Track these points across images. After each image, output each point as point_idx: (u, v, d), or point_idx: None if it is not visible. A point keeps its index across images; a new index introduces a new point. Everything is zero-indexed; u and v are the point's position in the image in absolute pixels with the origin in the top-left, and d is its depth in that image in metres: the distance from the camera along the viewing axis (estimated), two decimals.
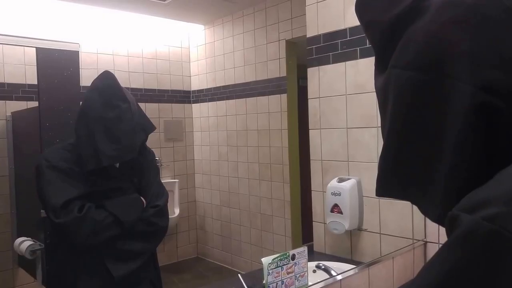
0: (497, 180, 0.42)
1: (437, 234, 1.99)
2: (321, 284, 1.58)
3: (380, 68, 0.58)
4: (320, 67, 2.25)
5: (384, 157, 0.57)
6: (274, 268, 1.38)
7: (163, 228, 1.80)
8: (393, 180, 0.57)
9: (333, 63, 2.20)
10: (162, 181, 1.95)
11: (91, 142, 1.61)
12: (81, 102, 1.76)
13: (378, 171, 0.58)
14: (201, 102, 4.42)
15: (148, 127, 1.79)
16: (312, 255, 2.14)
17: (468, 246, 0.39)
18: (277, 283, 1.39)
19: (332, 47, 2.19)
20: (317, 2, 2.25)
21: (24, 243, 2.44)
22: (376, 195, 0.60)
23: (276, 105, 3.59)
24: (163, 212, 1.80)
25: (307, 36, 2.32)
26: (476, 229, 0.38)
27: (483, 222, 0.38)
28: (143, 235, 1.72)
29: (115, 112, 1.64)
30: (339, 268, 1.80)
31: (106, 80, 1.71)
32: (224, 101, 4.13)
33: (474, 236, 0.38)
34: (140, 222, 1.71)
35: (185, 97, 4.46)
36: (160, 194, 1.82)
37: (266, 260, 1.36)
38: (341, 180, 2.10)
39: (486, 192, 0.42)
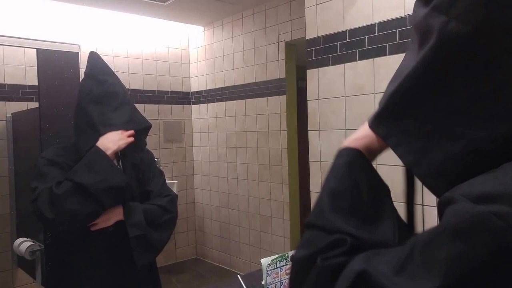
0: (505, 174, 0.42)
1: None
2: None
3: (424, 1, 0.54)
4: (319, 68, 2.26)
5: (395, 92, 0.56)
6: (273, 269, 1.39)
7: (175, 218, 1.82)
8: (395, 116, 0.56)
9: (332, 64, 2.21)
10: None
11: (89, 123, 1.62)
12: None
13: (383, 103, 0.58)
14: (200, 103, 4.43)
15: (141, 120, 1.76)
16: None
17: (479, 237, 0.39)
18: (276, 284, 1.39)
19: (331, 49, 2.21)
20: (317, 4, 2.26)
21: (23, 244, 2.45)
22: (369, 125, 0.61)
23: (275, 106, 3.60)
24: (175, 201, 1.82)
25: (306, 38, 2.33)
26: (486, 221, 0.38)
27: (494, 217, 0.38)
28: (163, 223, 1.74)
29: (104, 87, 1.65)
30: None
31: (91, 61, 1.73)
32: (224, 102, 4.14)
33: (484, 229, 0.38)
34: (158, 209, 1.72)
35: (185, 98, 4.47)
36: (167, 188, 1.85)
37: (265, 261, 1.37)
38: None
39: (492, 185, 0.41)
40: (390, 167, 1.99)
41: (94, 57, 1.75)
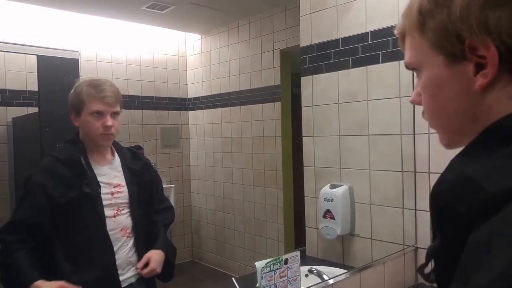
0: None
1: (428, 240, 2.00)
2: None
3: None
4: (313, 76, 2.30)
5: None
6: (268, 272, 1.41)
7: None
8: None
9: (326, 72, 2.25)
10: None
11: None
12: None
13: None
14: (197, 109, 4.46)
15: None
16: (305, 260, 2.16)
17: None
18: (270, 287, 1.42)
19: (325, 57, 2.24)
20: (311, 13, 2.30)
21: None
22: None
23: (270, 112, 3.64)
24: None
25: (301, 45, 2.37)
26: None
27: None
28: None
29: None
30: (331, 273, 1.83)
31: None
32: (220, 108, 4.18)
33: None
34: (169, 216, 1.97)
35: (182, 104, 4.50)
36: (166, 198, 2.04)
37: (259, 264, 1.39)
38: (333, 186, 2.14)
39: None
40: (383, 172, 2.04)
41: None
